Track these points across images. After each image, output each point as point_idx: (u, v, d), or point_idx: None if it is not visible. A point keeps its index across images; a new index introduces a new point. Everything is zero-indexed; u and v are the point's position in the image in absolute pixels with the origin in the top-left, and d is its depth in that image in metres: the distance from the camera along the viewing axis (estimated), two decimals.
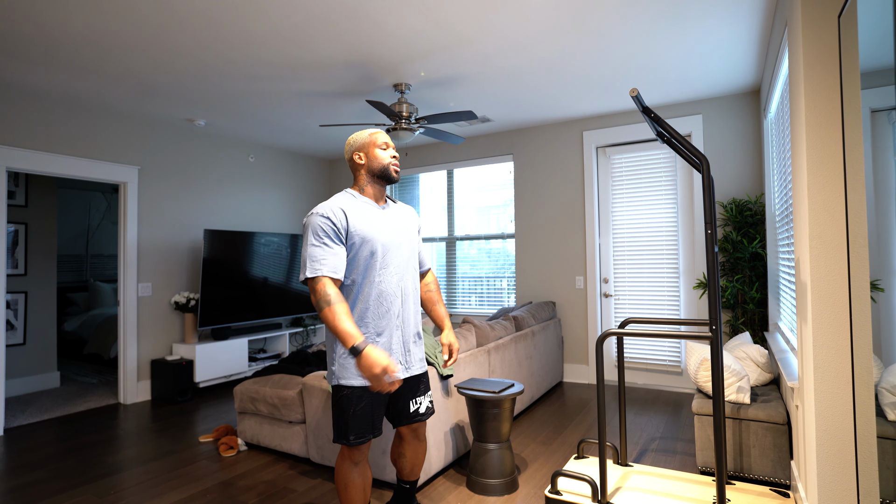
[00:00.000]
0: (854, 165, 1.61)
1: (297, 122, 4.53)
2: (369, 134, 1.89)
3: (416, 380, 1.97)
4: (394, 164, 1.88)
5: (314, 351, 3.47)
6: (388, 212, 1.91)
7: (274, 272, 5.04)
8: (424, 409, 1.98)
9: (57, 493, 2.56)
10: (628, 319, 2.62)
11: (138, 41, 2.81)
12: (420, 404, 1.96)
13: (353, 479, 1.83)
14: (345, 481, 1.84)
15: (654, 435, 3.21)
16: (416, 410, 1.95)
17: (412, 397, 1.94)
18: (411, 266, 1.94)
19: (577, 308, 4.60)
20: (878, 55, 1.31)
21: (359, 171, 1.89)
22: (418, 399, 1.96)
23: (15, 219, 4.55)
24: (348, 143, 1.91)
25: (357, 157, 1.88)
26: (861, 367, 1.57)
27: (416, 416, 1.95)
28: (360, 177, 1.89)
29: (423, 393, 1.98)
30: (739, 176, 3.99)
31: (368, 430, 1.81)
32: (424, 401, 1.98)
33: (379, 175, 1.88)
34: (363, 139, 1.88)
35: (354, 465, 1.84)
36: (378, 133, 1.89)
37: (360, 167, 1.88)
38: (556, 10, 2.56)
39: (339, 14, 2.55)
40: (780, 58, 2.45)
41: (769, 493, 2.21)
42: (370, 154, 1.87)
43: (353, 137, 1.91)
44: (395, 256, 1.86)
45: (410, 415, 1.95)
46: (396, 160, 1.90)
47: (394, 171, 1.88)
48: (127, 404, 4.15)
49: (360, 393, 1.79)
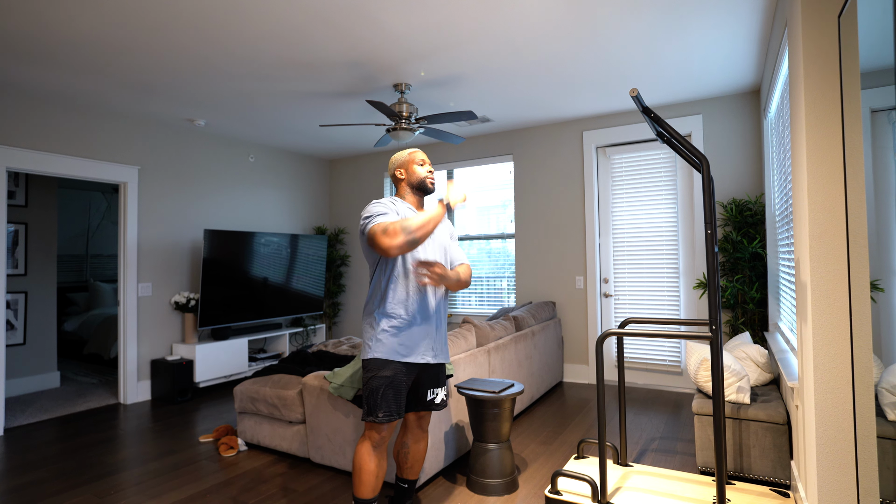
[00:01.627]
0: (854, 165, 1.61)
1: (297, 122, 4.53)
2: (408, 153, 2.13)
3: (438, 370, 2.11)
4: (430, 178, 2.11)
5: (314, 351, 3.47)
6: None
7: (274, 272, 5.04)
8: (440, 399, 2.12)
9: (57, 493, 2.56)
10: (628, 319, 2.62)
11: (138, 41, 2.81)
12: (437, 395, 2.10)
13: (368, 464, 1.93)
14: (361, 464, 1.94)
15: (654, 435, 3.21)
16: (433, 400, 2.09)
17: (431, 386, 2.08)
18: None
19: (577, 308, 4.60)
20: (878, 55, 1.31)
21: (400, 185, 2.13)
22: (436, 390, 2.10)
23: (15, 219, 4.55)
24: (391, 162, 2.16)
25: (398, 173, 2.12)
26: (861, 367, 1.57)
27: (431, 404, 2.09)
28: (402, 189, 2.13)
29: (441, 385, 2.12)
30: (739, 176, 3.99)
31: (395, 410, 1.92)
32: (441, 393, 2.12)
33: (417, 187, 2.10)
34: (403, 157, 2.13)
35: (374, 449, 1.94)
36: (416, 152, 2.13)
37: (401, 181, 2.12)
38: (556, 10, 2.56)
39: (339, 14, 2.55)
40: (780, 58, 2.45)
41: (769, 493, 2.21)
42: (409, 170, 2.10)
43: (394, 157, 2.16)
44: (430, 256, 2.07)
45: (427, 403, 2.08)
46: (432, 174, 2.13)
47: (430, 184, 2.11)
48: (127, 404, 4.15)
49: (391, 369, 1.92)
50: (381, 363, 1.92)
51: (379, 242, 1.79)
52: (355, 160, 6.04)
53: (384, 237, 1.78)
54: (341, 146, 5.51)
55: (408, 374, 1.97)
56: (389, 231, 1.78)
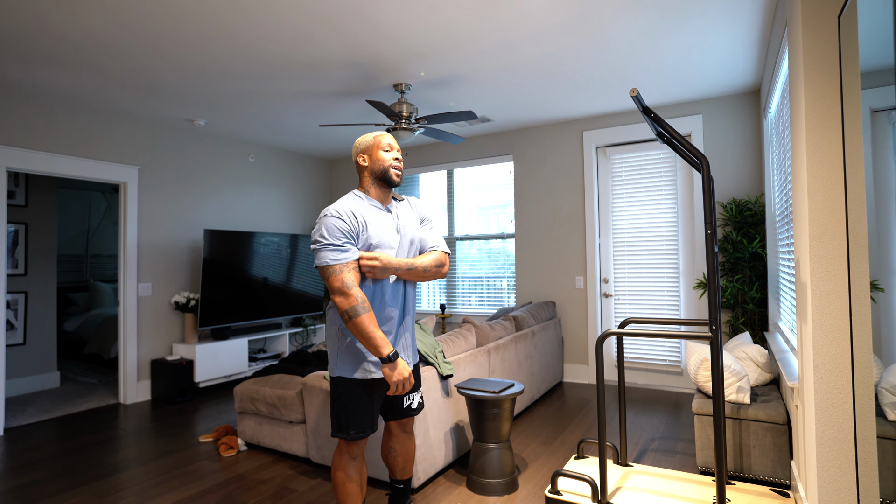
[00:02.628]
0: (854, 165, 1.61)
1: (297, 122, 4.53)
2: (374, 136, 1.90)
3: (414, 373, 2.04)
4: (394, 167, 1.88)
5: (314, 351, 3.47)
6: (393, 214, 1.93)
7: (274, 272, 5.04)
8: (416, 404, 2.04)
9: (57, 493, 2.56)
10: (628, 319, 2.62)
11: (138, 41, 2.81)
12: (413, 400, 2.02)
13: (350, 475, 1.88)
14: (342, 477, 1.88)
15: (654, 435, 3.21)
16: (409, 406, 2.01)
17: (406, 393, 1.97)
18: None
19: (577, 308, 4.60)
20: (878, 55, 1.31)
21: (363, 174, 1.91)
22: (412, 395, 2.02)
23: (15, 219, 4.55)
24: (354, 146, 1.93)
25: (361, 160, 1.90)
26: (861, 367, 1.57)
27: (408, 411, 2.01)
28: (365, 179, 1.91)
29: (415, 389, 2.04)
30: (739, 176, 3.99)
31: (368, 426, 1.85)
32: (416, 397, 2.04)
33: (380, 177, 1.88)
34: (368, 141, 1.90)
35: (352, 461, 1.88)
36: (383, 135, 1.91)
37: (363, 169, 1.90)
38: (556, 10, 2.56)
39: (339, 14, 2.55)
40: (780, 58, 2.45)
41: (769, 493, 2.21)
42: (373, 156, 1.88)
43: (359, 140, 1.93)
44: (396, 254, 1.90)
45: (403, 410, 2.00)
46: (399, 163, 1.90)
47: (394, 175, 1.88)
48: (127, 404, 4.15)
49: (361, 387, 1.84)
50: (346, 381, 1.83)
51: (333, 298, 1.71)
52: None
53: (340, 297, 1.69)
54: (341, 146, 5.51)
55: (379, 388, 1.88)
56: (347, 295, 1.68)
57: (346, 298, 1.69)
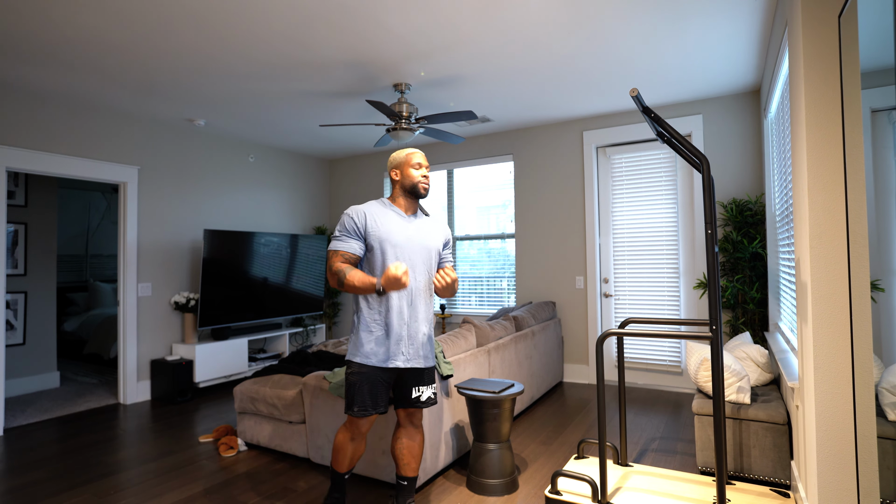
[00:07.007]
0: (854, 165, 1.61)
1: (297, 122, 4.53)
2: (406, 154, 2.15)
3: (421, 371, 2.14)
4: (423, 182, 2.13)
5: (314, 351, 3.47)
6: (413, 222, 2.15)
7: (274, 272, 5.04)
8: (426, 398, 2.15)
9: (57, 493, 2.56)
10: (628, 319, 2.62)
11: (138, 41, 2.81)
12: (422, 393, 2.14)
13: (345, 445, 2.12)
14: (338, 445, 2.13)
15: (654, 435, 3.21)
16: (418, 398, 2.13)
17: (415, 385, 2.12)
18: (425, 269, 2.12)
19: (577, 308, 4.60)
20: (878, 55, 1.31)
21: (395, 186, 2.17)
22: (421, 388, 2.14)
23: (15, 219, 4.55)
24: (390, 161, 2.19)
25: (394, 174, 2.15)
26: (861, 367, 1.57)
27: (416, 402, 2.13)
28: (395, 190, 2.16)
29: (426, 383, 2.15)
30: (739, 176, 3.99)
31: (370, 406, 2.03)
32: (427, 391, 2.15)
33: (409, 190, 2.13)
34: (400, 159, 2.15)
35: (352, 440, 2.11)
36: (414, 153, 2.15)
37: (395, 182, 2.16)
38: (556, 10, 2.56)
39: (339, 14, 2.55)
40: (781, 58, 2.45)
41: (769, 493, 2.21)
42: (404, 172, 2.13)
43: (393, 156, 2.18)
44: (407, 258, 2.07)
45: (412, 400, 2.13)
46: (427, 179, 2.15)
47: (422, 188, 2.13)
48: (127, 404, 4.15)
49: (364, 370, 2.03)
50: (358, 364, 2.05)
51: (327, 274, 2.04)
52: (355, 160, 6.04)
53: (329, 274, 2.01)
54: (341, 146, 5.51)
55: (385, 375, 2.06)
56: (332, 269, 2.00)
57: (332, 275, 2.00)
